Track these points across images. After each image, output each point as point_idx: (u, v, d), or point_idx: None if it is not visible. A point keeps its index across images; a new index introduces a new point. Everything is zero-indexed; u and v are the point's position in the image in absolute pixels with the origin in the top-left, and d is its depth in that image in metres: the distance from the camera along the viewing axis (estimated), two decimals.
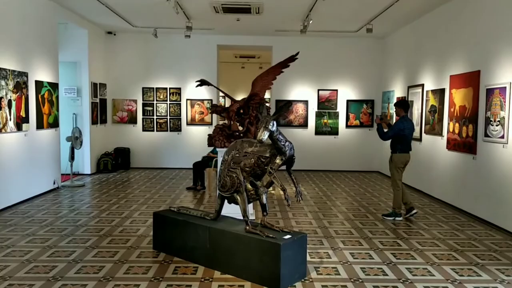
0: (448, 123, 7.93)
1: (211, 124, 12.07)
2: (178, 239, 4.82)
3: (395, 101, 11.11)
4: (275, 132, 3.87)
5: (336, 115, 12.26)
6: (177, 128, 12.27)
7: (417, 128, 9.47)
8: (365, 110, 12.36)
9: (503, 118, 6.20)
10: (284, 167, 4.16)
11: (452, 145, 7.76)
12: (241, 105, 6.35)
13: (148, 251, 5.06)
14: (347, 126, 12.33)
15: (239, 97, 12.30)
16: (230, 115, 6.31)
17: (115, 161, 11.65)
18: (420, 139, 9.32)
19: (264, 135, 3.77)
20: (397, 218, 6.74)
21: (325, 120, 12.25)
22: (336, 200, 8.38)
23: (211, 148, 9.04)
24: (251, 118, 6.33)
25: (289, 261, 3.98)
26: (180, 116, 12.26)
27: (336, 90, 12.25)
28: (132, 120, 12.25)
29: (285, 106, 3.89)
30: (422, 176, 9.12)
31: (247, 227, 4.16)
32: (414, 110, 9.68)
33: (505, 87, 6.15)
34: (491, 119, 6.50)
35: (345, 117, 12.32)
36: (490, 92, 6.56)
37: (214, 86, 6.88)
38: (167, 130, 12.30)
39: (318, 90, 12.20)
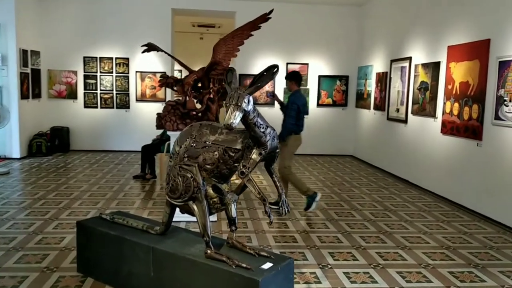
0: (444, 103, 6.79)
1: (164, 100, 10.44)
2: (111, 260, 3.38)
3: (373, 77, 9.95)
4: (251, 114, 2.52)
5: (306, 93, 10.95)
6: (124, 104, 10.57)
7: (402, 108, 8.36)
8: (339, 87, 11.14)
9: None
10: (261, 164, 2.80)
11: (448, 128, 6.64)
12: (199, 77, 4.89)
13: (70, 275, 3.59)
14: (319, 105, 11.08)
15: None
16: (185, 89, 4.84)
17: (50, 143, 9.86)
18: (405, 121, 8.19)
19: (235, 118, 2.41)
20: (316, 199, 5.68)
21: None
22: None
23: (161, 130, 7.57)
24: (212, 93, 4.90)
25: None
26: (128, 90, 10.56)
27: (307, 64, 10.92)
28: (72, 94, 10.44)
29: (268, 71, 2.50)
30: (408, 164, 8.02)
31: (209, 251, 2.78)
32: (395, 87, 8.52)
33: None
34: (506, 98, 5.37)
35: (316, 94, 11.05)
36: (504, 65, 5.41)
37: (166, 53, 5.33)
38: (113, 107, 10.57)
39: (287, 63, 10.81)
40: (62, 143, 10.23)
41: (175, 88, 4.98)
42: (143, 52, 5.29)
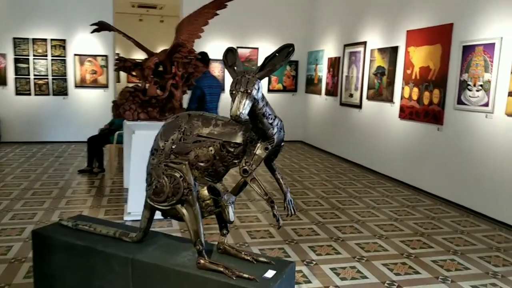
0: (402, 88, 6.81)
1: (106, 86, 9.71)
2: (78, 276, 2.90)
3: (325, 62, 9.86)
4: (260, 102, 2.15)
5: None
6: (62, 91, 9.65)
7: (356, 93, 8.33)
8: (289, 72, 10.97)
9: (488, 82, 5.15)
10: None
11: (407, 113, 6.68)
12: (161, 60, 4.42)
13: None
14: (269, 90, 10.84)
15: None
16: (145, 74, 4.36)
17: None
18: (359, 106, 8.19)
19: (245, 108, 2.03)
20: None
21: None
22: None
23: (110, 119, 6.99)
24: (176, 79, 4.45)
25: None
26: (65, 76, 9.64)
27: (257, 49, 10.61)
28: (1, 80, 9.36)
29: (281, 52, 2.10)
30: (364, 149, 8.03)
31: (202, 261, 2.43)
32: (349, 73, 8.49)
33: (493, 43, 5.07)
34: (470, 83, 5.43)
35: (267, 80, 10.80)
36: (468, 50, 5.45)
37: (122, 33, 4.74)
38: (48, 94, 9.62)
39: (237, 47, 10.43)
40: None
41: (133, 73, 4.47)
42: (92, 31, 4.70)
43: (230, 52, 2.27)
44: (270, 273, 2.43)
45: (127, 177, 5.79)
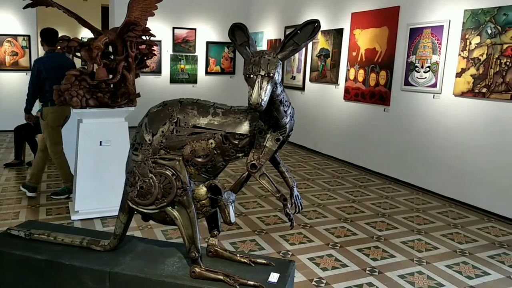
0: (348, 70, 6.85)
1: (29, 69, 8.68)
2: None
3: (264, 44, 9.69)
4: (278, 88, 1.88)
5: (194, 60, 10.23)
6: None
7: (298, 76, 8.28)
8: (227, 54, 10.65)
9: (436, 63, 5.29)
10: None
11: (352, 95, 6.74)
12: (111, 39, 3.94)
13: None
14: (207, 73, 10.48)
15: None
16: (93, 55, 3.85)
17: None
18: (302, 88, 8.16)
19: (266, 94, 1.73)
20: (71, 195, 4.73)
21: (182, 66, 10.12)
22: None
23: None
24: (129, 60, 4.01)
25: None
26: None
27: (195, 29, 10.13)
28: None
29: (304, 29, 1.79)
30: (308, 131, 8.02)
31: (197, 269, 2.15)
32: (294, 55, 8.39)
33: (442, 26, 5.20)
34: (417, 64, 5.56)
35: (204, 62, 10.40)
36: (416, 32, 5.56)
37: (64, 9, 4.08)
38: None
39: (174, 28, 9.89)
40: None
41: (79, 54, 3.94)
42: (25, 7, 4.05)
43: (238, 29, 1.96)
44: (274, 277, 2.23)
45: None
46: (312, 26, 1.80)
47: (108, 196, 4.05)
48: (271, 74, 1.76)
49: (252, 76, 1.77)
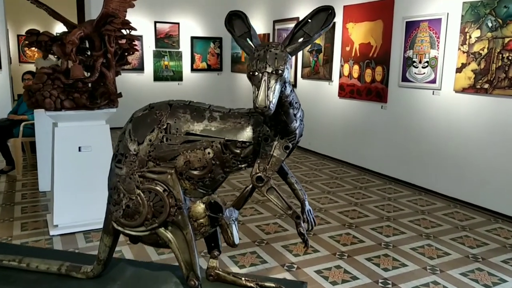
0: (342, 65, 6.57)
1: None
2: None
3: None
4: (287, 87, 1.56)
5: (179, 56, 9.84)
6: None
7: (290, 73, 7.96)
8: (213, 50, 10.29)
9: (434, 58, 5.04)
10: None
11: (347, 92, 6.47)
12: (86, 33, 3.56)
13: None
14: (193, 69, 10.10)
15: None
16: (67, 51, 3.47)
17: None
18: (294, 85, 7.85)
19: (275, 95, 1.43)
20: None
21: (166, 62, 9.73)
22: None
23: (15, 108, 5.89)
24: (108, 56, 3.64)
25: None
26: None
27: (178, 24, 9.74)
28: None
29: (315, 17, 1.52)
30: None
31: None
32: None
33: (439, 19, 4.94)
34: (415, 59, 5.30)
35: (190, 58, 10.02)
36: (412, 25, 5.30)
37: (34, 0, 3.71)
38: None
39: (155, 22, 9.48)
40: None
41: (52, 49, 3.55)
42: None
43: (236, 18, 1.65)
44: None
45: (44, 179, 4.84)
46: (326, 14, 1.52)
47: (90, 207, 3.68)
48: (280, 71, 1.46)
49: (257, 73, 1.46)
